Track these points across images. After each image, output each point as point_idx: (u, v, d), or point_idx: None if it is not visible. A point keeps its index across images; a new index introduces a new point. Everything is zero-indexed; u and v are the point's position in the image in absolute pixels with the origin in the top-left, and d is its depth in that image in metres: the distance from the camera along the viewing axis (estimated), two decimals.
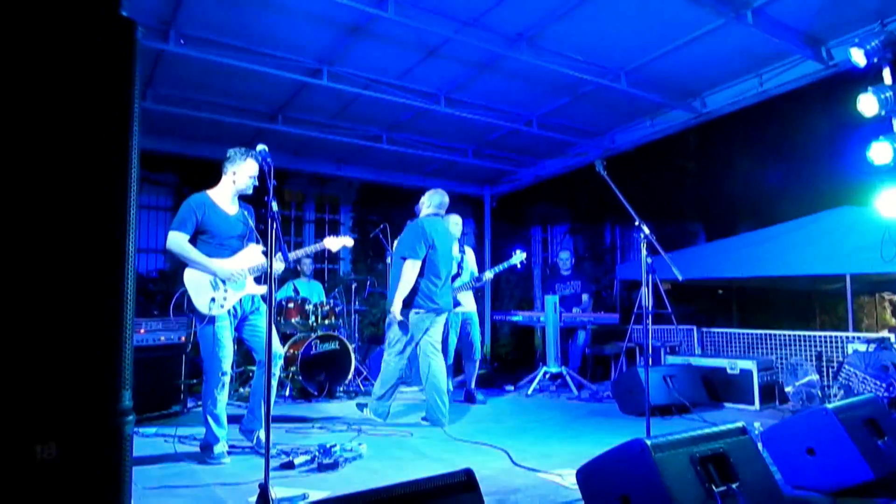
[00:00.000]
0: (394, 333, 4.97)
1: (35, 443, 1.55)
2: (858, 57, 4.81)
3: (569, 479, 3.18)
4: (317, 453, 3.68)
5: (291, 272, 7.58)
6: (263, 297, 4.00)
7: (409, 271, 4.88)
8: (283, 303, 6.65)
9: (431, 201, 5.23)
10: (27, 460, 1.53)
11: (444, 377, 5.04)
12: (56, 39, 1.64)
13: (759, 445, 3.01)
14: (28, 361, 1.54)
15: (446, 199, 5.30)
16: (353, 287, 7.65)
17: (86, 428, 1.63)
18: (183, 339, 5.42)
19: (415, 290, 4.91)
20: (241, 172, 3.93)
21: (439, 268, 5.02)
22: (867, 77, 4.93)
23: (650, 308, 3.97)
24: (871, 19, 5.20)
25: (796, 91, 6.23)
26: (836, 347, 5.96)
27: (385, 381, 4.98)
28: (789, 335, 6.45)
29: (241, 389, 6.25)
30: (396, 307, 4.86)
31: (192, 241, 3.79)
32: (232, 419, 4.02)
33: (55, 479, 1.57)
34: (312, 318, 6.58)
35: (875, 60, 4.79)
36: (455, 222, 6.32)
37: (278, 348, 4.08)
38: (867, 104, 4.79)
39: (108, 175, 1.68)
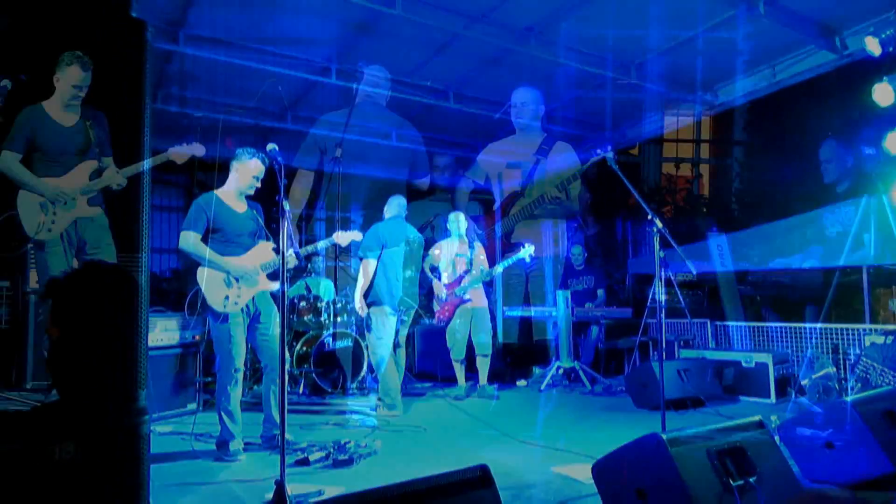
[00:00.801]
0: (370, 334, 5.39)
1: (53, 443, 1.56)
2: (873, 46, 4.75)
3: (584, 473, 3.16)
4: (331, 449, 3.68)
5: (303, 270, 7.60)
6: (275, 294, 4.00)
7: (363, 270, 5.43)
8: (296, 301, 6.67)
9: (391, 204, 5.71)
10: (46, 460, 1.54)
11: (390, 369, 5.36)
12: (68, 40, 1.65)
13: (777, 439, 2.98)
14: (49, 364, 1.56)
15: (403, 201, 5.75)
16: None
17: (104, 428, 1.65)
18: (197, 337, 5.44)
19: (375, 288, 5.35)
20: (243, 171, 3.95)
21: (394, 267, 5.39)
22: (882, 66, 4.86)
23: (663, 302, 3.93)
24: (886, 8, 5.12)
25: (810, 81, 6.16)
26: (853, 340, 5.88)
27: (384, 378, 5.25)
28: (805, 328, 6.37)
29: (256, 387, 6.28)
30: (357, 303, 5.46)
31: (204, 240, 3.81)
32: (247, 414, 4.04)
33: (75, 477, 1.58)
34: (325, 316, 6.60)
35: (890, 49, 4.73)
36: (456, 219, 6.36)
37: (276, 350, 3.93)
38: (883, 94, 4.74)
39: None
